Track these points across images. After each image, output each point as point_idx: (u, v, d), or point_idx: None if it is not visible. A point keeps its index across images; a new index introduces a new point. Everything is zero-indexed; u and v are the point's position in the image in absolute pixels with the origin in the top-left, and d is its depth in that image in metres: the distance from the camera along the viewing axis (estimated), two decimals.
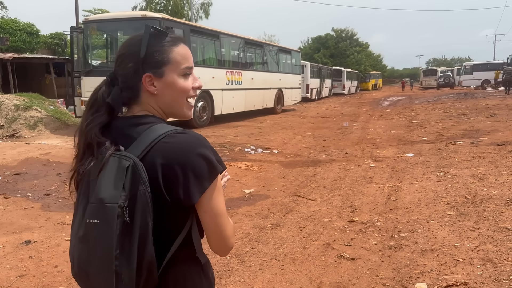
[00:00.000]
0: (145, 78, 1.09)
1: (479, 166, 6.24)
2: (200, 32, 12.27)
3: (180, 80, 1.12)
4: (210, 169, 1.03)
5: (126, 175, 0.99)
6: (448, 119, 12.71)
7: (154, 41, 1.10)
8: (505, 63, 32.63)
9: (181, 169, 1.00)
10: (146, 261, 1.00)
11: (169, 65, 1.10)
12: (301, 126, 13.70)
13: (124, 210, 0.97)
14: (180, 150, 1.01)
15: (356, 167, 7.08)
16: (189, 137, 1.04)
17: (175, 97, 1.13)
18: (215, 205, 1.05)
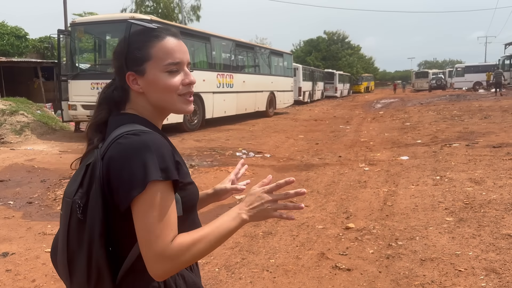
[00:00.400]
0: (128, 77, 1.07)
1: (476, 169, 6.10)
2: (190, 35, 12.06)
3: (163, 77, 1.06)
4: (143, 176, 0.95)
5: (85, 172, 1.01)
6: (442, 121, 12.61)
7: (136, 37, 1.08)
8: (497, 65, 32.80)
9: (119, 172, 0.97)
10: (95, 263, 0.99)
11: (150, 62, 1.06)
12: (293, 129, 13.53)
13: (77, 207, 0.99)
14: (123, 153, 0.97)
15: (350, 171, 6.91)
16: (137, 140, 0.98)
17: (161, 95, 1.07)
18: (143, 218, 0.96)
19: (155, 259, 0.96)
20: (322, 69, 41.69)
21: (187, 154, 8.46)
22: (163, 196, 0.96)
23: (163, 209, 0.96)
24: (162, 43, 1.06)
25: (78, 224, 0.99)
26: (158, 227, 0.95)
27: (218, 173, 6.71)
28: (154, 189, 0.95)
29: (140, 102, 1.10)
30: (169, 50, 1.06)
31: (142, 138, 0.98)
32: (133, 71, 1.07)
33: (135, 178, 0.95)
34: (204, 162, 7.76)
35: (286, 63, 20.18)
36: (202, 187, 5.89)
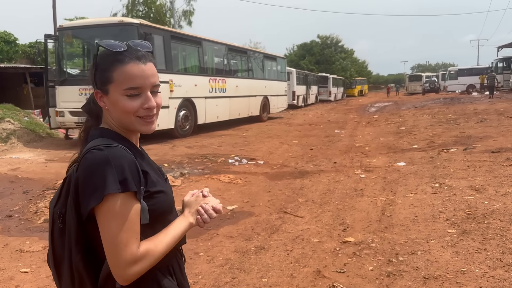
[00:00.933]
0: (96, 94, 1.14)
1: (476, 176, 5.89)
2: (181, 39, 11.82)
3: (122, 99, 1.11)
4: (101, 189, 1.01)
5: (63, 185, 1.12)
6: (438, 125, 12.45)
7: (102, 59, 1.13)
8: (490, 67, 32.85)
9: (82, 185, 1.04)
10: (75, 267, 1.07)
11: (112, 84, 1.11)
12: (287, 134, 13.30)
13: (57, 216, 1.09)
14: (87, 167, 1.04)
15: (346, 178, 6.69)
16: (99, 154, 1.04)
17: (120, 115, 1.13)
18: (106, 229, 1.03)
19: (124, 266, 1.03)
20: (316, 73, 41.59)
21: (178, 161, 8.20)
22: (123, 207, 1.02)
23: (125, 218, 1.03)
24: (123, 67, 1.10)
25: (60, 232, 1.09)
26: (124, 237, 1.02)
27: (209, 182, 6.45)
28: (113, 201, 1.02)
29: (108, 117, 1.16)
30: (130, 75, 1.10)
31: (104, 153, 1.04)
32: (100, 90, 1.13)
33: (93, 191, 1.01)
34: (195, 170, 7.50)
35: (280, 67, 19.98)
36: None
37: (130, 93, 1.10)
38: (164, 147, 9.91)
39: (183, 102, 11.42)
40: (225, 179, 6.59)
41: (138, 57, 1.12)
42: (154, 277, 1.14)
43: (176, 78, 11.03)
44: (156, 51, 10.31)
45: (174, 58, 11.37)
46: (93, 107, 1.19)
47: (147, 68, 1.13)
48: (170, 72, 10.82)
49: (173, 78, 10.85)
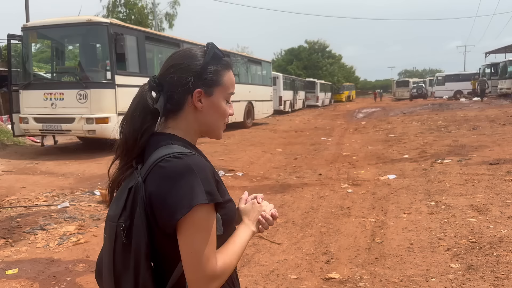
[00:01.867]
0: (196, 93, 1.10)
1: (475, 192, 5.28)
2: (158, 40, 11.10)
3: (223, 103, 1.14)
4: (189, 200, 0.96)
5: (128, 195, 1.02)
6: (428, 133, 11.90)
7: (212, 60, 1.12)
8: (477, 73, 32.75)
9: (163, 196, 0.98)
10: (142, 284, 1.01)
11: (220, 87, 1.12)
12: (271, 142, 12.64)
13: (122, 230, 1.00)
14: (166, 177, 0.98)
15: (331, 194, 6.03)
16: (180, 163, 0.99)
17: (216, 117, 1.14)
18: (189, 241, 0.98)
19: (204, 280, 0.98)
20: (303, 78, 41.16)
21: None
22: (208, 219, 0.99)
23: (209, 231, 0.99)
24: (229, 73, 1.15)
25: (123, 247, 1.01)
26: (206, 250, 0.98)
27: None
28: (200, 212, 0.97)
29: (190, 118, 1.11)
30: (233, 82, 1.16)
31: (185, 161, 0.99)
32: (202, 89, 1.10)
33: (180, 201, 0.96)
34: None
35: (265, 71, 19.35)
36: None
37: (229, 98, 1.16)
38: None
39: None
40: None
41: (232, 66, 1.18)
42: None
43: None
44: (129, 53, 9.60)
45: (150, 61, 10.64)
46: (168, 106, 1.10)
47: None
48: (145, 75, 10.05)
49: None
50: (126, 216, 1.00)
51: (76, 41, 10.29)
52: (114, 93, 9.04)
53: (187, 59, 1.11)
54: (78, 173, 7.56)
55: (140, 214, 0.99)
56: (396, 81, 53.23)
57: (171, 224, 0.97)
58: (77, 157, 9.27)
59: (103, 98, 8.97)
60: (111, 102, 9.02)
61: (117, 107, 9.13)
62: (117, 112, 9.13)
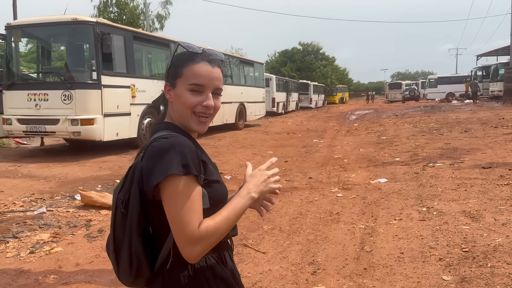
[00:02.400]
0: (166, 87, 1.27)
1: (468, 197, 5.12)
2: (146, 40, 10.86)
3: (186, 93, 1.22)
4: (165, 169, 1.09)
5: (128, 173, 1.21)
6: (420, 135, 11.78)
7: (177, 56, 1.26)
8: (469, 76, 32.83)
9: (147, 167, 1.12)
10: (134, 252, 1.15)
11: (180, 79, 1.23)
12: (263, 144, 12.46)
13: (121, 202, 1.17)
14: (153, 153, 1.13)
15: (321, 198, 5.86)
16: (165, 141, 1.13)
17: (181, 107, 1.23)
18: (170, 207, 1.10)
19: (186, 242, 1.09)
20: (297, 80, 41.04)
21: None
22: (185, 188, 1.10)
23: (187, 198, 1.10)
24: (194, 65, 1.22)
25: (122, 217, 1.17)
26: (186, 214, 1.09)
27: None
28: (176, 181, 1.10)
29: (171, 111, 1.27)
30: (197, 73, 1.22)
31: (168, 140, 1.14)
32: (169, 83, 1.26)
33: (158, 170, 1.10)
34: None
35: (258, 73, 19.16)
36: None
37: (193, 88, 1.21)
38: (122, 159, 8.92)
39: (148, 108, 10.45)
40: None
41: (208, 60, 1.25)
42: (208, 265, 1.21)
43: (140, 83, 10.06)
44: (116, 53, 9.37)
45: (138, 61, 10.41)
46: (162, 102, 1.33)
47: (214, 71, 1.25)
48: (133, 76, 9.86)
49: (135, 83, 9.88)
50: (125, 190, 1.17)
51: (62, 40, 10.03)
52: (100, 93, 8.80)
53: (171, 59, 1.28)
54: (60, 176, 7.32)
55: (134, 189, 1.14)
56: (388, 83, 53.37)
57: (149, 189, 1.11)
58: (61, 159, 9.02)
59: (88, 99, 8.73)
60: (97, 103, 8.78)
61: (103, 108, 8.88)
62: (103, 113, 8.89)
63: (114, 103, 9.22)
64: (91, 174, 7.47)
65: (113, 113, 9.18)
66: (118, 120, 9.37)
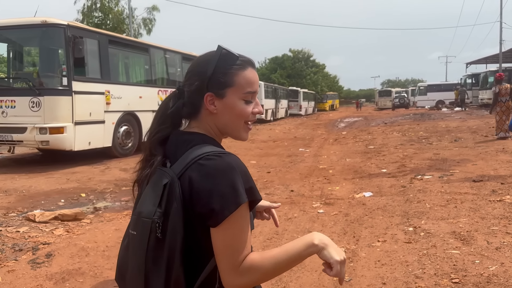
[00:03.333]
0: (207, 97, 1.13)
1: (458, 215, 4.71)
2: (123, 44, 10.38)
3: (240, 103, 1.14)
4: (235, 198, 1.01)
5: (163, 192, 1.03)
6: (409, 144, 11.42)
7: (222, 62, 1.12)
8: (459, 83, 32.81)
9: (207, 193, 1.01)
10: (174, 280, 1.02)
11: (232, 88, 1.12)
12: (247, 153, 12.00)
13: (157, 226, 1.01)
14: (208, 174, 1.02)
15: (301, 215, 5.41)
16: (221, 161, 1.04)
17: (233, 119, 1.15)
18: (227, 235, 1.01)
19: (231, 272, 1.01)
20: (287, 87, 40.78)
21: (101, 190, 6.74)
22: (244, 214, 1.03)
23: (245, 227, 1.03)
24: (245, 72, 1.14)
25: (157, 243, 1.02)
26: (241, 244, 1.01)
27: (124, 222, 5.03)
28: (242, 209, 1.02)
29: (209, 121, 1.15)
30: (250, 80, 1.14)
31: (225, 160, 1.03)
32: (213, 93, 1.12)
33: (227, 199, 0.99)
34: (117, 203, 6.06)
35: None
36: (90, 247, 4.21)
37: (247, 97, 1.14)
38: (93, 170, 8.40)
39: (124, 116, 9.96)
40: None
41: (252, 64, 1.18)
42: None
43: (115, 89, 9.58)
44: (89, 57, 8.89)
45: (114, 66, 9.93)
46: (184, 110, 1.15)
47: (257, 74, 1.18)
48: (107, 82, 9.37)
49: (110, 89, 9.40)
50: (161, 212, 1.02)
51: (31, 44, 9.49)
52: (70, 100, 8.30)
53: (198, 65, 1.16)
54: (23, 189, 6.79)
55: (177, 210, 1.01)
56: (379, 90, 53.36)
57: (217, 220, 1.00)
58: (29, 170, 8.48)
59: (58, 106, 8.22)
60: (67, 111, 8.27)
61: (74, 115, 8.38)
62: (74, 121, 8.38)
63: (86, 111, 8.72)
64: (56, 187, 6.95)
65: (85, 121, 8.67)
66: (91, 128, 8.86)
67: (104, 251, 4.15)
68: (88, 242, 4.33)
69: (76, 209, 5.41)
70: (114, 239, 4.46)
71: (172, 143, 1.12)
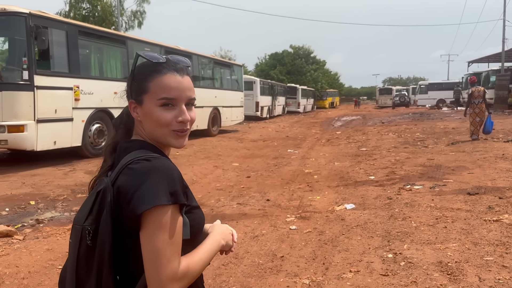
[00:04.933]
0: (130, 105, 1.12)
1: (447, 239, 4.02)
2: (96, 36, 9.67)
3: (156, 110, 1.08)
4: (152, 198, 0.96)
5: (95, 199, 1.01)
6: (403, 147, 10.72)
7: (139, 69, 1.10)
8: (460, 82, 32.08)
9: (129, 192, 0.98)
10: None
11: (147, 94, 1.08)
12: (231, 154, 11.33)
13: (87, 233, 0.99)
14: (134, 177, 0.99)
15: (270, 231, 4.74)
16: (148, 164, 1.01)
17: (153, 126, 1.10)
18: (151, 241, 0.97)
19: (166, 282, 0.96)
20: (286, 84, 40.04)
21: (53, 197, 6.06)
22: (171, 220, 0.97)
23: (172, 232, 0.97)
24: (160, 78, 1.07)
25: (87, 251, 0.99)
26: (169, 251, 0.96)
27: (62, 239, 4.35)
28: (162, 212, 0.96)
29: (141, 129, 1.12)
30: (166, 86, 1.07)
31: (153, 163, 1.00)
32: (134, 100, 1.10)
33: (143, 198, 0.96)
34: (66, 214, 5.39)
35: (236, 76, 18.03)
36: (8, 273, 3.51)
37: (164, 103, 1.07)
38: (56, 172, 7.72)
39: (97, 113, 9.27)
40: None
41: (176, 69, 1.10)
42: None
43: (86, 84, 8.90)
44: (55, 49, 8.22)
45: (84, 59, 9.23)
46: (125, 119, 1.15)
47: (184, 80, 1.10)
48: (76, 76, 8.69)
49: (80, 84, 8.71)
50: (92, 219, 1.00)
51: None
52: (32, 96, 7.62)
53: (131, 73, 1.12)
54: None
55: (106, 216, 0.98)
56: (379, 88, 52.61)
57: (132, 219, 0.97)
58: None
59: (17, 102, 7.53)
60: (28, 107, 7.59)
61: (36, 112, 7.70)
62: (36, 119, 7.70)
63: (51, 107, 8.03)
64: (6, 192, 6.27)
65: (49, 119, 7.99)
66: (56, 126, 8.18)
67: (24, 279, 3.48)
68: (7, 267, 3.66)
69: (8, 225, 4.74)
70: (42, 262, 3.79)
71: (117, 151, 1.10)
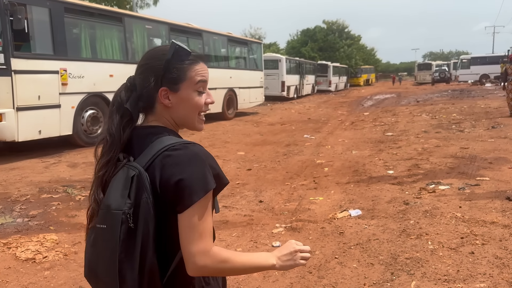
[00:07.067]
0: (161, 92, 1.13)
1: (473, 274, 2.92)
2: (87, 13, 8.79)
3: (194, 95, 1.15)
4: (204, 184, 1.04)
5: (131, 184, 1.04)
6: (434, 132, 9.39)
7: (176, 58, 1.13)
8: (506, 55, 29.41)
9: (176, 181, 1.02)
10: (148, 267, 1.03)
11: (185, 82, 1.14)
12: (240, 141, 10.37)
13: (128, 217, 1.02)
14: (176, 164, 1.04)
15: (248, 249, 3.81)
16: (187, 151, 1.06)
17: (188, 111, 1.16)
18: (193, 219, 1.03)
19: (198, 254, 1.01)
20: (317, 61, 38.32)
21: (16, 197, 5.34)
22: (210, 201, 1.07)
23: (209, 211, 1.06)
24: (197, 66, 1.15)
25: (128, 233, 1.01)
26: (205, 229, 1.04)
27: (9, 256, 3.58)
28: (209, 195, 1.05)
29: (165, 115, 1.16)
30: (200, 72, 1.16)
31: (192, 149, 1.07)
32: (167, 87, 1.13)
33: (196, 186, 1.02)
34: (19, 220, 4.64)
35: (255, 54, 16.88)
36: None
37: (200, 88, 1.15)
38: (37, 165, 7.04)
39: (89, 98, 8.53)
40: (25, 254, 3.69)
41: (202, 58, 1.19)
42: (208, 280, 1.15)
43: (75, 66, 8.13)
44: (37, 29, 7.48)
45: (73, 39, 8.43)
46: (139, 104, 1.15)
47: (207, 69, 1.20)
48: (63, 58, 7.91)
49: (68, 67, 7.95)
50: (130, 203, 1.02)
51: None
52: (9, 81, 6.91)
53: (151, 59, 1.15)
54: None
55: (146, 200, 1.02)
56: (418, 64, 49.79)
57: (186, 205, 1.02)
58: None
59: None
60: (6, 94, 6.90)
61: (16, 99, 7.00)
62: (16, 107, 7.01)
63: (34, 93, 7.32)
64: None
65: (32, 106, 7.29)
66: (41, 114, 7.48)
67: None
68: None
69: None
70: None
71: (135, 138, 1.12)
